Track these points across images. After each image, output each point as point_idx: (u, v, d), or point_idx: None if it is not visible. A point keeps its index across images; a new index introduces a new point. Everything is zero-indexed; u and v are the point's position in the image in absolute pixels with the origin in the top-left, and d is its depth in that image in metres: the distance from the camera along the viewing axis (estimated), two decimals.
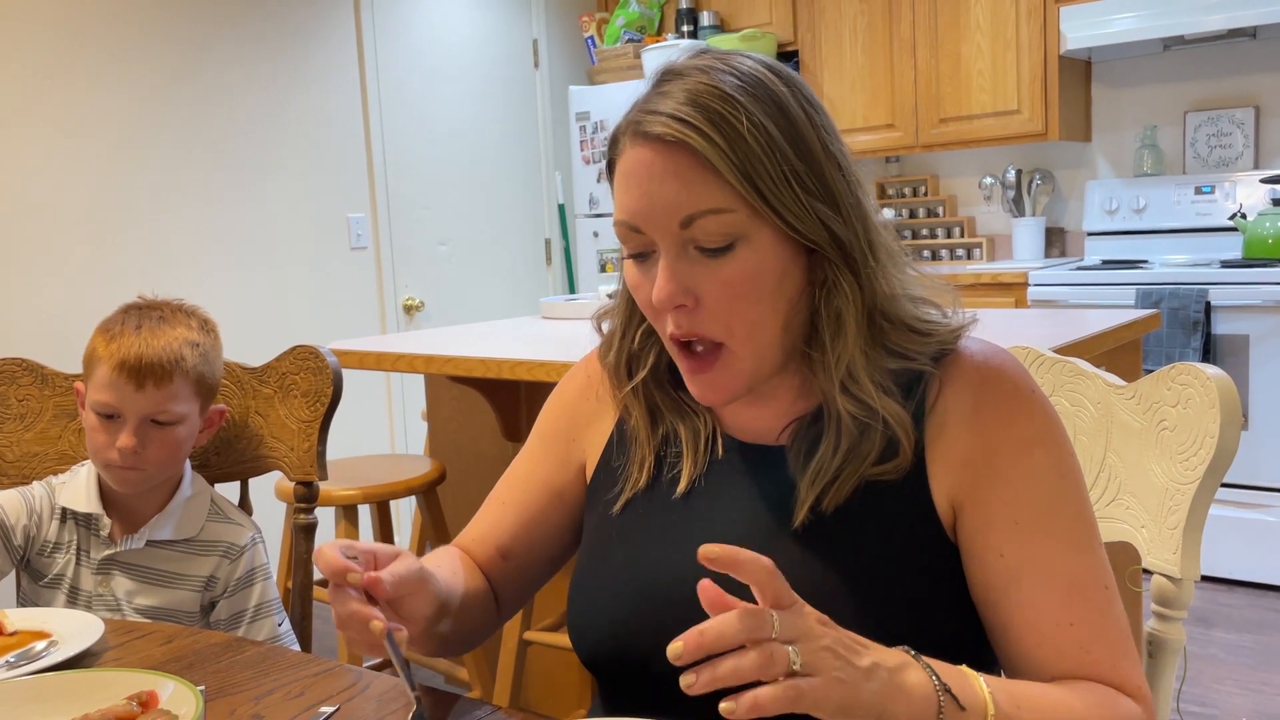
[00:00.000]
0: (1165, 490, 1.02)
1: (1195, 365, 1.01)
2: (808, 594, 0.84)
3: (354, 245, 4.05)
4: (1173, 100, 3.98)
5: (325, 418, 1.56)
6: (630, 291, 0.90)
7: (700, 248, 0.83)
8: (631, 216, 0.85)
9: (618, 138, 0.87)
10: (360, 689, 1.00)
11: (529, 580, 1.09)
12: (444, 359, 2.20)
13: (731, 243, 0.82)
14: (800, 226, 0.83)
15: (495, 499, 1.10)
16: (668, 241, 0.84)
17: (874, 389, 0.85)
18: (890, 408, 0.85)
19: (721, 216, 0.81)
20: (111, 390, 1.37)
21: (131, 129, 3.38)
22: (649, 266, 0.86)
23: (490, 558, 1.06)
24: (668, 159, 0.82)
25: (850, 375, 0.85)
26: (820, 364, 0.86)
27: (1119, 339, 2.16)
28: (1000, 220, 4.39)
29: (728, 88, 0.82)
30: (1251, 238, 3.59)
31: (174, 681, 0.92)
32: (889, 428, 0.86)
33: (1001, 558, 0.85)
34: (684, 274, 0.83)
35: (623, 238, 0.87)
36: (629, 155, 0.85)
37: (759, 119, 0.81)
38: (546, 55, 4.80)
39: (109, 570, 1.43)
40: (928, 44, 4.13)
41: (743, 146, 0.80)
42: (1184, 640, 1.02)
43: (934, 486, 0.87)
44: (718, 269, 0.83)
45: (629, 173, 0.85)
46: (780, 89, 0.84)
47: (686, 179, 0.81)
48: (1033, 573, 0.84)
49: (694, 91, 0.82)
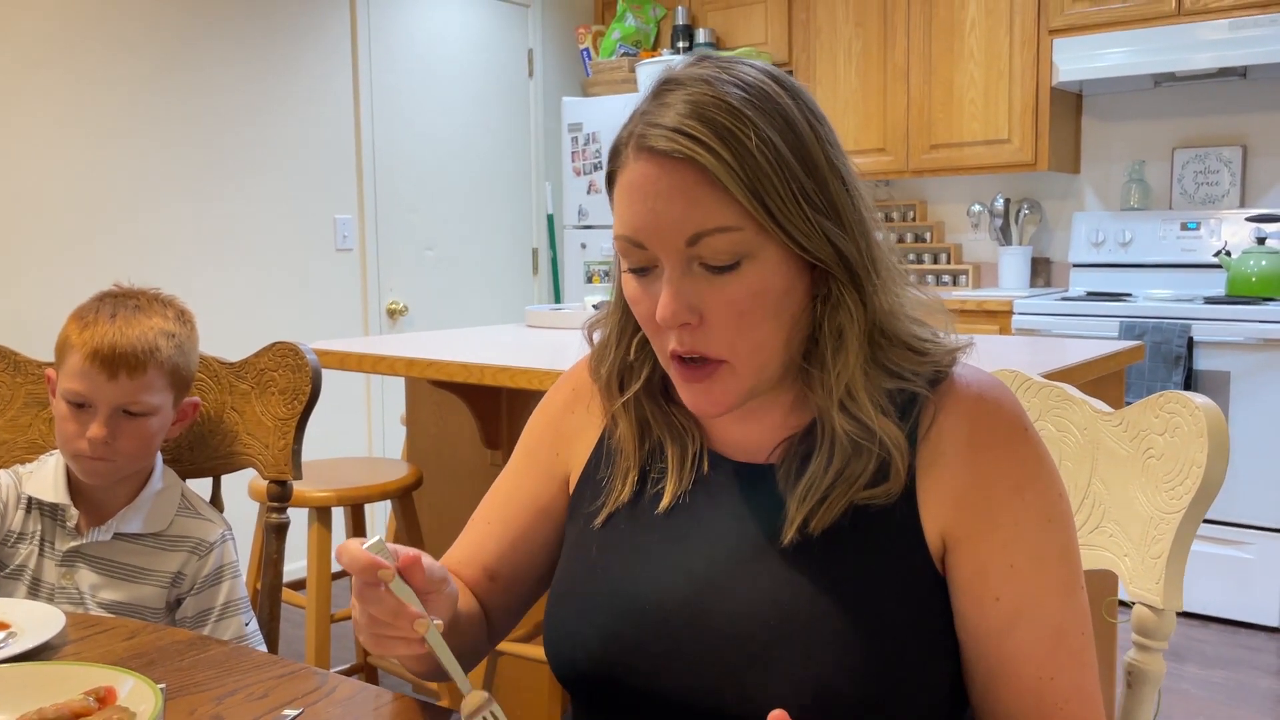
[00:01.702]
0: (1150, 519, 1.01)
1: (1184, 394, 1.00)
2: (794, 615, 0.83)
3: (339, 246, 4.02)
4: (1161, 136, 4.01)
5: (302, 416, 1.54)
6: (629, 305, 0.88)
7: (705, 265, 0.81)
8: (635, 232, 0.82)
9: (619, 149, 0.85)
10: (326, 692, 0.98)
11: (518, 600, 1.05)
12: (426, 362, 2.18)
13: (738, 260, 0.80)
14: (807, 244, 0.81)
15: (480, 518, 1.06)
16: (672, 259, 0.81)
17: (872, 409, 0.84)
18: (888, 429, 0.84)
19: (729, 235, 0.79)
20: (83, 379, 1.35)
21: (117, 119, 3.35)
22: (650, 282, 0.84)
23: (477, 579, 1.03)
24: (674, 175, 0.79)
25: (849, 394, 0.84)
26: (819, 381, 0.85)
27: (1103, 369, 2.17)
28: (987, 248, 4.40)
29: (734, 100, 0.79)
30: (1235, 275, 3.61)
31: (133, 678, 0.90)
32: (884, 450, 0.84)
33: (997, 601, 0.84)
34: (688, 292, 0.81)
35: (623, 252, 0.85)
36: (632, 169, 0.82)
37: (766, 134, 0.79)
38: (541, 65, 4.80)
39: (73, 563, 1.40)
40: (921, 70, 4.15)
41: (752, 164, 0.78)
42: (1164, 671, 1.01)
43: (924, 516, 0.85)
44: (723, 286, 0.81)
45: (633, 187, 0.82)
46: (786, 101, 0.82)
47: (694, 196, 0.79)
48: (1026, 621, 0.83)
49: (699, 104, 0.80)
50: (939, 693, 0.85)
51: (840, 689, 0.80)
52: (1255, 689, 2.94)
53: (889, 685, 0.81)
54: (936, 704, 0.85)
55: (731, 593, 0.86)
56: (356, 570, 0.77)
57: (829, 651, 0.81)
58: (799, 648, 0.82)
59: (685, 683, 0.85)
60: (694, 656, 0.85)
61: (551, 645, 0.94)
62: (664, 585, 0.89)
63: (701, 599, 0.87)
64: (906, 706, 0.82)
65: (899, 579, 0.84)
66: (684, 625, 0.86)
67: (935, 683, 0.85)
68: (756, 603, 0.84)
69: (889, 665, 0.81)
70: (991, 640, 0.84)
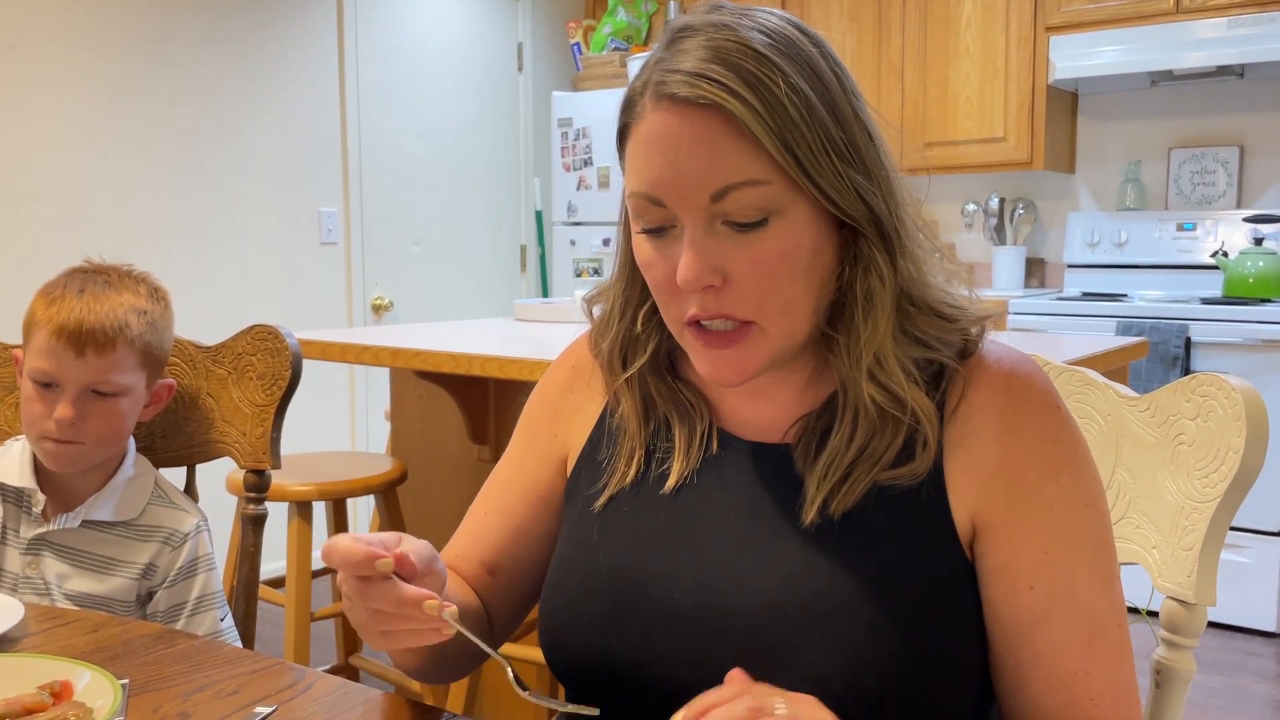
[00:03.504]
0: (1180, 509, 0.95)
1: (1218, 375, 0.94)
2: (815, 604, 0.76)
3: (324, 240, 3.95)
4: (1158, 136, 3.98)
5: (282, 402, 1.46)
6: (641, 270, 0.81)
7: (730, 222, 0.75)
8: (652, 188, 0.76)
9: (633, 100, 0.78)
10: (302, 689, 0.91)
11: (519, 597, 0.98)
12: (411, 352, 2.11)
13: (765, 217, 0.74)
14: (839, 200, 0.75)
15: (477, 510, 1.00)
16: (694, 216, 0.75)
17: (903, 377, 0.78)
18: (919, 400, 0.78)
19: (757, 189, 0.73)
20: (50, 357, 1.27)
21: (99, 110, 3.27)
22: (667, 243, 0.78)
23: (477, 574, 0.97)
24: (698, 125, 0.73)
25: (878, 362, 0.78)
26: (844, 349, 0.79)
27: (1106, 365, 2.12)
28: (981, 247, 4.36)
29: (759, 46, 0.73)
30: (1232, 276, 3.58)
31: (91, 671, 0.83)
32: (914, 420, 0.78)
33: (1032, 590, 0.78)
34: (712, 252, 0.75)
35: (638, 211, 0.78)
36: (650, 119, 0.76)
37: (795, 82, 0.73)
38: (531, 60, 4.73)
39: (39, 551, 1.33)
40: (916, 68, 4.11)
41: (782, 112, 0.72)
42: (1194, 670, 0.95)
43: (953, 499, 0.79)
44: (748, 245, 0.75)
45: (650, 139, 0.75)
46: (811, 49, 0.76)
47: (719, 147, 0.73)
48: (1060, 611, 0.78)
49: (721, 49, 0.73)
50: (968, 686, 0.79)
51: (866, 682, 0.74)
52: (1253, 694, 2.90)
53: (918, 678, 0.75)
54: (965, 698, 0.79)
55: (746, 580, 0.80)
56: (351, 566, 0.71)
57: (854, 643, 0.74)
58: (821, 639, 0.76)
59: (693, 676, 0.78)
60: (704, 647, 0.79)
61: (547, 635, 0.88)
62: (671, 571, 0.82)
63: (713, 586, 0.80)
64: (935, 701, 0.77)
65: (926, 565, 0.78)
66: (693, 614, 0.80)
67: (965, 675, 0.79)
68: (774, 591, 0.78)
69: (919, 657, 0.75)
70: (1024, 631, 0.78)
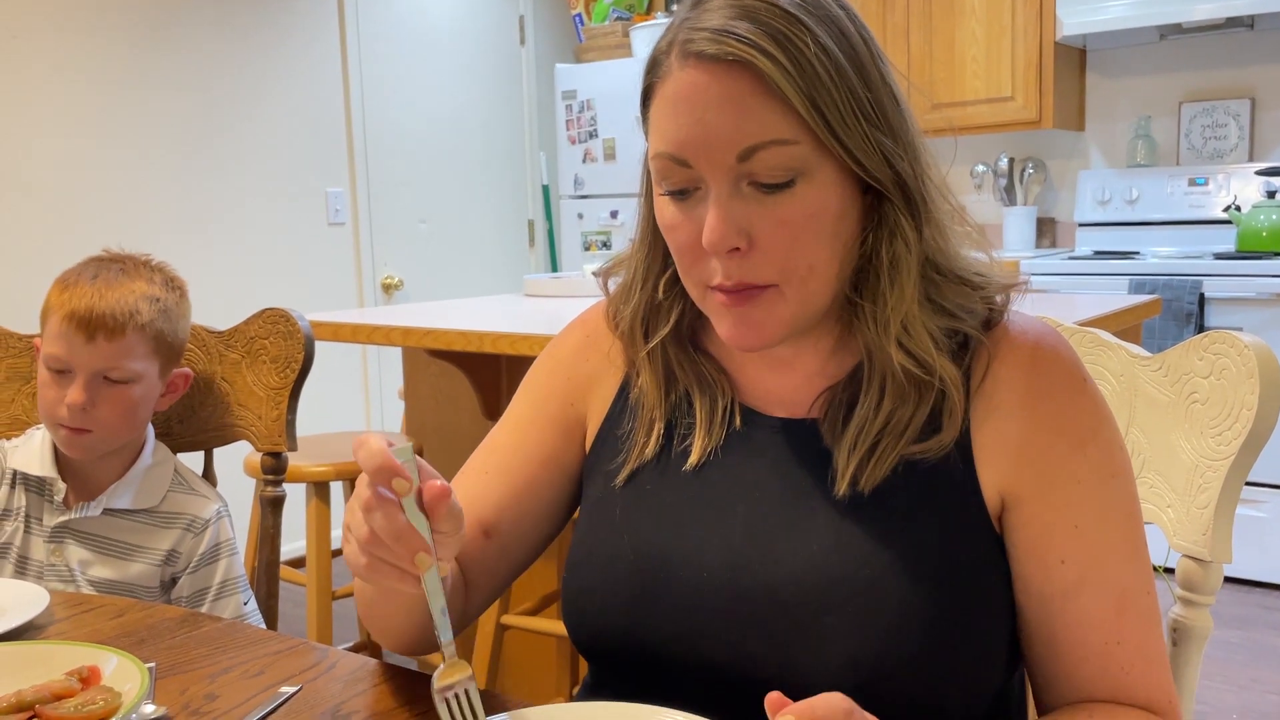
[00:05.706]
0: (1194, 467, 0.95)
1: (1230, 333, 0.94)
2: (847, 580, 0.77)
3: (332, 220, 3.95)
4: (1168, 91, 3.93)
5: (295, 385, 1.47)
6: (664, 234, 0.81)
7: (756, 183, 0.74)
8: (679, 148, 0.75)
9: (658, 60, 0.77)
10: (325, 668, 0.93)
11: (511, 563, 0.95)
12: (423, 331, 2.11)
13: (792, 179, 0.74)
14: (866, 162, 0.75)
15: (474, 469, 0.96)
16: (720, 176, 0.74)
17: (931, 343, 0.78)
18: (947, 368, 0.78)
19: (785, 149, 0.73)
20: (61, 342, 1.29)
21: (104, 95, 3.27)
22: (691, 205, 0.77)
23: (472, 536, 0.92)
24: (725, 82, 0.72)
25: (905, 329, 0.77)
26: (871, 315, 0.78)
27: (1120, 324, 2.11)
28: (991, 209, 4.33)
29: (787, 5, 0.73)
30: (1245, 230, 3.55)
31: (118, 656, 0.85)
32: (943, 388, 0.78)
33: (1063, 564, 0.78)
34: (737, 213, 0.75)
35: (663, 172, 0.77)
36: (676, 78, 0.75)
37: (824, 41, 0.73)
38: (533, 32, 4.70)
39: (61, 538, 1.34)
40: (921, 28, 4.06)
41: (811, 71, 0.72)
42: (1210, 627, 0.96)
43: (982, 472, 0.79)
44: (774, 207, 0.74)
45: (677, 97, 0.75)
46: (838, 11, 0.76)
47: (747, 106, 0.72)
48: (1091, 584, 0.78)
49: (748, 7, 0.73)
50: (997, 657, 0.80)
51: (896, 658, 0.75)
52: (1272, 648, 2.90)
53: (948, 651, 0.76)
54: (993, 668, 0.80)
55: (776, 555, 0.79)
56: (373, 469, 0.67)
57: (886, 619, 0.75)
58: (852, 616, 0.76)
59: (721, 652, 0.79)
60: (733, 626, 0.79)
61: (573, 614, 0.87)
62: (698, 549, 0.82)
63: (742, 564, 0.80)
64: (964, 672, 0.77)
65: (956, 539, 0.78)
66: (723, 592, 0.80)
67: (993, 646, 0.79)
68: (803, 566, 0.78)
69: (949, 631, 0.76)
70: (1055, 604, 0.79)
